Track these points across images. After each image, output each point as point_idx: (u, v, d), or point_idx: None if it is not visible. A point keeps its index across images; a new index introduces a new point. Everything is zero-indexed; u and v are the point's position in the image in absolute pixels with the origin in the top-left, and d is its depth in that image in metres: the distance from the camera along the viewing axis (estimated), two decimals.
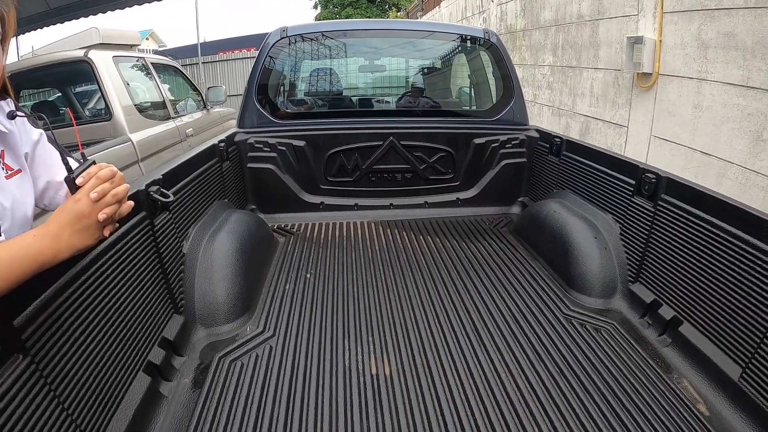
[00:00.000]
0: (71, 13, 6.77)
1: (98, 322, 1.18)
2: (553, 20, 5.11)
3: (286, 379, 1.47)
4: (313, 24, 3.45)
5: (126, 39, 4.65)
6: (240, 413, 1.33)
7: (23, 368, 0.91)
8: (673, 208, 1.65)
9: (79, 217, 0.86)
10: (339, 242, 2.53)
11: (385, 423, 1.29)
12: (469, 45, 3.15)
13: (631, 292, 1.81)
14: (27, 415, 0.89)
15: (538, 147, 2.80)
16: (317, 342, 1.66)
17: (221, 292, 1.79)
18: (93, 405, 1.11)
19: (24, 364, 0.91)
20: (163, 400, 1.38)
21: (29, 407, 0.90)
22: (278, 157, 2.78)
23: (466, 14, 9.04)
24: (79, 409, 1.05)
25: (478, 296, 1.94)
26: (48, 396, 0.96)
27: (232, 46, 18.03)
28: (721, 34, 2.75)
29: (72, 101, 4.51)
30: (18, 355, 0.91)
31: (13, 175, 1.03)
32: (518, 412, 1.30)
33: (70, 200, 0.88)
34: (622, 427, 1.24)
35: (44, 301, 1.00)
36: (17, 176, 1.04)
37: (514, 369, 1.48)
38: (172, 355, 1.52)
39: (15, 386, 0.87)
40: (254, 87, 2.82)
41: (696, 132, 2.98)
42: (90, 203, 0.86)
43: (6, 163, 1.02)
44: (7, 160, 1.03)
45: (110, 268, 1.27)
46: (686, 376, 1.45)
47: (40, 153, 1.12)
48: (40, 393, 0.94)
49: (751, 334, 1.28)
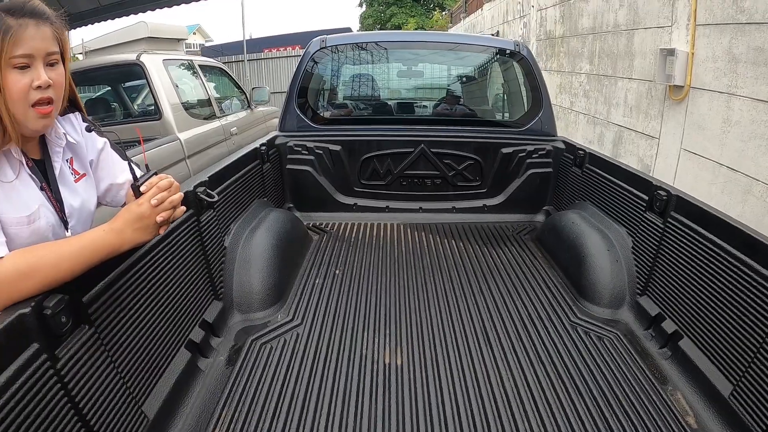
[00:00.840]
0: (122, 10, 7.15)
1: (150, 302, 1.38)
2: (590, 28, 5.13)
3: (308, 362, 1.65)
4: (349, 35, 3.62)
5: (173, 33, 4.88)
6: (266, 389, 1.51)
7: (88, 336, 1.10)
8: (680, 225, 1.72)
9: (141, 217, 1.05)
10: (369, 242, 2.69)
11: (391, 406, 1.44)
12: (500, 57, 3.25)
13: (638, 305, 1.90)
14: (89, 374, 1.07)
15: (563, 158, 2.88)
16: (339, 332, 1.83)
17: (257, 282, 1.99)
18: (141, 372, 1.30)
19: (89, 333, 1.10)
20: (200, 374, 1.57)
21: (90, 368, 1.08)
22: (315, 159, 2.97)
23: (507, 18, 9.05)
24: (130, 374, 1.24)
25: (491, 299, 2.07)
26: (106, 361, 1.14)
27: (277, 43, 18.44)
28: (752, 48, 2.76)
29: (122, 98, 4.78)
30: (84, 326, 1.10)
31: (80, 178, 1.24)
32: (512, 407, 1.43)
33: (134, 203, 1.06)
34: (608, 431, 1.34)
35: (107, 283, 1.20)
36: (83, 180, 1.25)
37: (515, 368, 1.61)
38: (210, 335, 1.72)
39: (81, 350, 1.06)
40: (295, 93, 3.01)
41: (724, 147, 3.00)
42: (150, 207, 1.05)
43: (74, 168, 1.23)
44: (75, 165, 1.24)
45: (162, 258, 1.48)
46: (680, 389, 1.51)
47: (104, 159, 1.33)
48: (99, 358, 1.12)
49: (744, 353, 1.34)
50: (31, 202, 1.08)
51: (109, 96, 4.94)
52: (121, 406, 1.17)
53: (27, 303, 0.94)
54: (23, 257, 0.96)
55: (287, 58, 13.58)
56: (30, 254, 0.97)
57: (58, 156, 1.18)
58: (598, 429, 1.35)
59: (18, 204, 1.05)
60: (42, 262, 0.96)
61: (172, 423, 1.36)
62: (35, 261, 0.96)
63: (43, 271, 0.96)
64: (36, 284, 0.96)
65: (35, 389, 0.92)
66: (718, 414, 1.39)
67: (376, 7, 30.66)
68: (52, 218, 1.12)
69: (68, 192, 1.19)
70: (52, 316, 0.98)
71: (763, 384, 1.25)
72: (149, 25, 4.52)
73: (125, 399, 1.19)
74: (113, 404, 1.14)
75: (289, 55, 13.77)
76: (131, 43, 4.42)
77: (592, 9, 5.04)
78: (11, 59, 0.98)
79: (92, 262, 1.03)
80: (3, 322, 0.88)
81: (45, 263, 0.96)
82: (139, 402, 1.26)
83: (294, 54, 13.74)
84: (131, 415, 1.20)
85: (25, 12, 1.01)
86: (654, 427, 1.36)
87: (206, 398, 1.48)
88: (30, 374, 0.91)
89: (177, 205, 1.11)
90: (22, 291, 0.95)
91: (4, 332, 0.87)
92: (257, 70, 13.56)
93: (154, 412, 1.30)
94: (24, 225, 1.05)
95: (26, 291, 0.95)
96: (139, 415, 1.24)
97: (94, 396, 1.08)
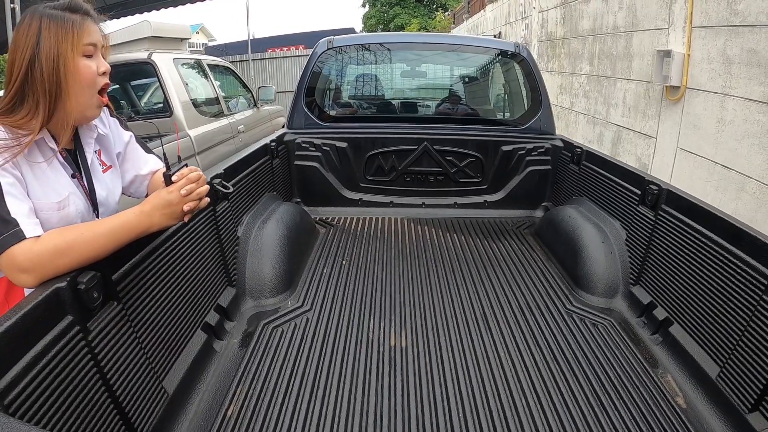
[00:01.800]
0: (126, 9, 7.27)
1: (170, 285, 1.47)
2: (590, 30, 5.22)
3: (318, 344, 1.75)
4: (355, 36, 3.71)
5: (176, 33, 4.94)
6: (278, 369, 1.61)
7: (116, 312, 1.17)
8: (670, 217, 1.81)
9: (169, 204, 1.13)
10: (374, 235, 2.79)
11: (396, 384, 1.54)
12: (501, 58, 3.34)
13: (631, 294, 1.99)
14: (116, 347, 1.14)
15: (561, 156, 2.97)
16: (347, 317, 1.93)
17: (268, 270, 2.09)
18: (162, 350, 1.38)
19: (117, 309, 1.18)
20: (215, 355, 1.66)
21: (118, 342, 1.15)
22: (322, 156, 3.07)
23: (509, 19, 9.14)
24: (152, 351, 1.32)
25: (491, 288, 2.16)
26: (131, 336, 1.22)
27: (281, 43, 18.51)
28: (745, 50, 2.85)
29: (131, 96, 4.87)
30: (113, 302, 1.17)
31: (107, 170, 1.34)
32: (510, 387, 1.52)
33: (164, 190, 1.14)
34: (602, 410, 1.42)
35: (134, 264, 1.28)
36: (110, 171, 1.35)
37: (513, 351, 1.70)
38: (224, 319, 1.82)
39: (110, 325, 1.14)
40: (302, 91, 3.11)
41: (718, 146, 3.09)
42: (180, 196, 1.13)
43: (102, 159, 1.33)
44: (102, 157, 1.33)
45: (181, 244, 1.58)
46: (670, 372, 1.60)
47: (130, 151, 1.43)
48: (126, 333, 1.19)
49: (729, 337, 1.42)
50: (62, 189, 1.15)
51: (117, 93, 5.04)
52: (144, 380, 1.24)
53: (63, 278, 1.01)
54: (61, 235, 1.03)
55: (291, 58, 13.65)
56: (67, 232, 1.04)
57: (90, 147, 1.27)
58: (592, 409, 1.42)
59: (48, 190, 1.12)
60: (78, 240, 1.03)
61: (189, 399, 1.44)
62: (72, 239, 1.03)
63: (79, 249, 1.04)
64: (71, 261, 1.03)
65: (68, 358, 0.99)
66: (707, 394, 1.47)
67: (379, 7, 30.71)
68: (82, 206, 1.20)
69: (97, 182, 1.27)
70: (85, 291, 1.05)
71: (747, 365, 1.33)
72: (152, 25, 4.61)
73: (148, 373, 1.27)
74: (137, 377, 1.21)
75: (293, 55, 13.83)
76: (134, 42, 4.49)
77: (592, 11, 5.13)
78: (84, 47, 1.11)
79: (123, 242, 1.11)
80: (41, 294, 0.95)
81: (81, 241, 1.04)
82: (160, 377, 1.33)
83: (298, 54, 13.79)
84: (153, 389, 1.28)
85: (82, 9, 1.14)
86: (646, 408, 1.43)
87: (221, 377, 1.57)
88: (64, 344, 0.98)
89: (202, 196, 1.19)
90: (58, 267, 1.02)
91: (43, 304, 0.94)
92: (261, 70, 13.64)
93: (173, 388, 1.38)
94: (54, 210, 1.12)
95: (62, 267, 1.03)
96: (160, 389, 1.31)
97: (120, 368, 1.15)
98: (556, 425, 1.37)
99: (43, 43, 1.07)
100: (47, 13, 1.09)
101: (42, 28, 1.08)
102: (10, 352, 0.86)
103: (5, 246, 0.98)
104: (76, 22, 1.11)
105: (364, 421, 1.40)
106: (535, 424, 1.38)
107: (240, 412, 1.42)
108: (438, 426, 1.38)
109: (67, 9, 1.11)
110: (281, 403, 1.46)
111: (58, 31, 1.09)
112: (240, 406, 1.44)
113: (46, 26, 1.08)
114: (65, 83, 1.09)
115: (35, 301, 0.93)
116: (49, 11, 1.10)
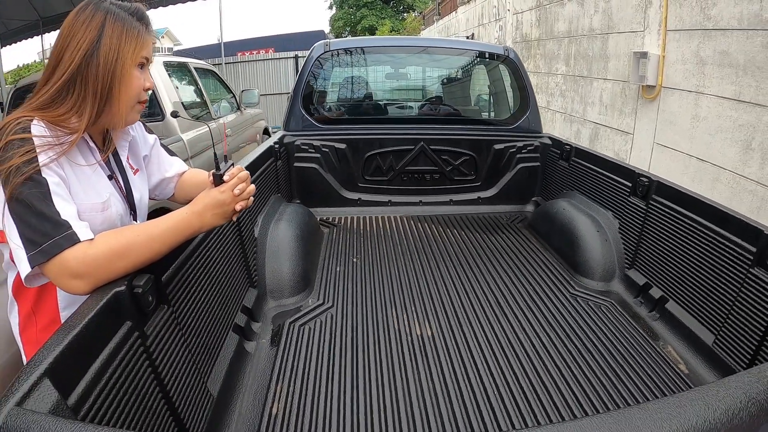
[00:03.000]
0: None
1: (206, 286, 1.48)
2: (566, 32, 5.45)
3: (347, 338, 1.83)
4: (352, 39, 3.82)
5: None
6: (313, 364, 1.66)
7: (168, 315, 1.16)
8: (661, 206, 1.99)
9: (222, 204, 1.10)
10: (376, 233, 2.90)
11: (431, 368, 1.65)
12: (491, 61, 3.50)
13: (627, 277, 2.16)
14: (168, 351, 1.14)
15: (550, 153, 3.14)
16: (369, 311, 2.02)
17: (287, 270, 2.15)
18: (204, 352, 1.38)
19: (168, 312, 1.17)
20: (248, 356, 1.68)
21: (170, 346, 1.15)
22: (322, 157, 3.15)
23: (482, 21, 9.37)
24: (197, 354, 1.32)
25: (498, 277, 2.30)
26: (180, 339, 1.21)
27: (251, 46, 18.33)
28: (717, 52, 3.08)
29: None
30: (164, 305, 1.16)
31: (136, 172, 1.31)
32: (533, 362, 1.66)
33: (216, 190, 1.11)
34: (618, 379, 1.57)
35: (177, 266, 1.27)
36: (138, 174, 1.32)
37: (528, 331, 1.85)
38: (250, 320, 1.85)
39: (162, 328, 1.13)
40: (300, 94, 3.18)
41: (693, 140, 3.32)
42: (232, 196, 1.11)
43: (130, 163, 1.29)
44: (131, 160, 1.30)
45: (213, 245, 1.61)
46: (671, 343, 1.77)
47: (155, 154, 1.41)
48: (175, 335, 1.19)
49: (721, 308, 1.60)
50: (103, 190, 1.12)
51: None
52: (192, 383, 1.24)
53: (120, 282, 0.98)
54: (115, 237, 0.99)
55: (264, 62, 13.57)
56: (122, 235, 1.00)
57: (124, 150, 1.25)
58: (609, 378, 1.58)
59: (90, 191, 1.09)
60: (134, 242, 0.99)
61: (232, 400, 1.47)
62: (127, 241, 0.99)
63: (136, 251, 1.00)
64: (127, 264, 0.99)
65: (130, 365, 0.97)
66: (705, 360, 1.64)
67: (347, 9, 30.80)
68: (121, 208, 1.18)
69: (132, 184, 1.26)
70: (142, 295, 1.02)
71: (738, 331, 1.51)
72: None
73: (195, 377, 1.27)
74: (187, 381, 1.21)
75: (265, 59, 13.74)
76: None
77: (568, 14, 5.36)
78: (141, 58, 1.10)
79: (176, 243, 1.08)
80: (102, 299, 0.92)
81: (137, 243, 1.00)
82: (205, 380, 1.34)
83: (270, 57, 13.72)
84: (201, 392, 1.29)
85: (145, 20, 1.12)
86: (655, 375, 1.60)
87: (258, 377, 1.60)
88: (126, 350, 0.96)
89: (251, 195, 1.18)
90: (114, 271, 0.98)
91: (104, 310, 0.91)
92: (234, 74, 13.54)
93: (216, 390, 1.39)
94: (97, 212, 1.09)
95: (119, 271, 0.98)
96: (206, 392, 1.32)
97: (173, 372, 1.15)
98: (580, 392, 1.52)
99: (105, 40, 1.03)
100: (114, 12, 1.06)
101: (106, 25, 1.04)
102: (77, 363, 0.83)
103: (58, 250, 0.91)
104: (140, 31, 1.09)
105: (413, 404, 1.48)
106: (561, 392, 1.52)
107: (285, 409, 1.46)
108: (477, 402, 1.49)
109: (133, 15, 1.09)
110: (324, 396, 1.51)
111: (123, 33, 1.05)
112: (284, 404, 1.48)
113: (110, 24, 1.04)
114: (117, 88, 1.06)
115: (97, 308, 0.90)
116: (116, 9, 1.06)
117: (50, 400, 0.72)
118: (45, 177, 0.96)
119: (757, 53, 2.76)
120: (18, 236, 0.92)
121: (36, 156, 0.95)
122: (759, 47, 2.75)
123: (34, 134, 0.98)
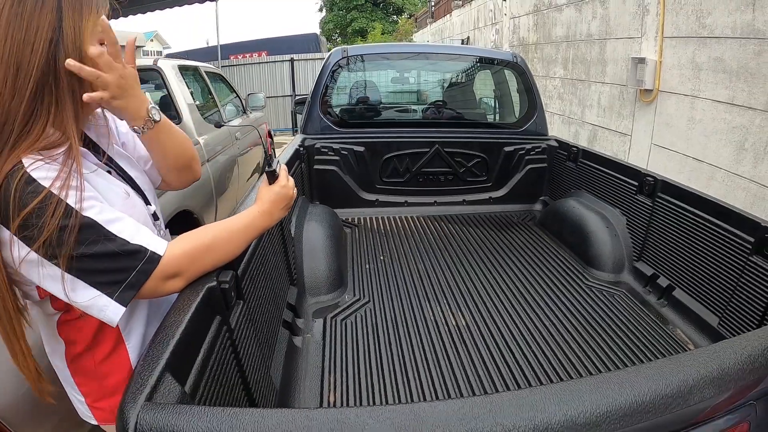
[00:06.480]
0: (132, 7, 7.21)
1: (264, 282, 1.55)
2: (564, 36, 5.65)
3: (389, 330, 1.97)
4: (369, 46, 3.95)
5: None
6: (360, 355, 1.79)
7: (243, 310, 1.23)
8: (666, 203, 2.17)
9: (285, 197, 1.15)
10: (396, 232, 3.06)
11: (471, 354, 1.81)
12: (500, 67, 3.68)
13: (636, 268, 2.34)
14: (245, 344, 1.21)
15: (557, 154, 3.32)
16: (405, 304, 2.17)
17: (323, 268, 2.28)
18: (266, 344, 1.45)
19: (243, 307, 1.23)
20: (297, 350, 1.78)
21: (246, 340, 1.22)
22: (341, 160, 3.30)
23: (478, 24, 9.56)
24: (263, 345, 1.40)
25: (518, 270, 2.48)
26: (252, 332, 1.29)
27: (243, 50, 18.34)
28: (712, 58, 3.28)
29: None
30: (240, 300, 1.22)
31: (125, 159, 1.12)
32: (561, 346, 1.84)
33: (277, 185, 1.13)
34: (635, 358, 1.76)
35: (246, 263, 1.33)
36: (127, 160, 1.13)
37: (552, 317, 2.03)
38: (294, 316, 1.94)
39: (240, 323, 1.19)
40: (318, 98, 3.31)
41: (690, 141, 3.52)
42: (291, 188, 1.17)
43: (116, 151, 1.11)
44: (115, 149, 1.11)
45: (266, 244, 1.71)
46: (679, 326, 1.96)
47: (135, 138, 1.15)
48: (248, 329, 1.26)
49: (723, 293, 1.79)
50: (117, 188, 0.99)
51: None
52: (263, 374, 1.32)
53: (210, 278, 1.01)
54: (201, 232, 0.99)
55: (260, 65, 13.66)
56: (205, 231, 1.00)
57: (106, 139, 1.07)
58: (626, 355, 1.77)
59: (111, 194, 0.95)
60: (219, 237, 1.01)
61: (291, 391, 1.56)
62: (214, 235, 0.99)
63: (222, 246, 1.01)
64: (215, 258, 1.00)
65: (222, 358, 1.02)
66: (712, 340, 1.82)
67: (336, 12, 30.88)
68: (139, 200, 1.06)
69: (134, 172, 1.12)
70: (228, 290, 1.07)
71: (740, 313, 1.70)
72: None
73: (263, 368, 1.34)
74: (259, 372, 1.29)
75: (260, 62, 13.82)
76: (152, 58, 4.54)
77: (566, 19, 5.56)
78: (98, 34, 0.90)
79: (251, 240, 1.10)
80: (198, 295, 0.95)
81: (222, 238, 1.01)
82: (270, 371, 1.43)
83: (264, 60, 13.79)
84: (268, 381, 1.37)
85: None
86: (666, 353, 1.79)
87: (310, 370, 1.70)
88: (220, 344, 1.01)
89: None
90: (206, 265, 0.99)
91: (200, 305, 0.94)
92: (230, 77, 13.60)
93: (278, 381, 1.48)
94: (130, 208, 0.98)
95: (207, 265, 0.99)
96: (270, 382, 1.40)
97: (250, 365, 1.21)
98: (603, 368, 1.71)
99: (66, 21, 0.83)
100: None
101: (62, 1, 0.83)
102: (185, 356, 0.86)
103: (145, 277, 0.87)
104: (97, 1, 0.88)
105: (460, 386, 1.64)
106: (585, 367, 1.72)
107: (342, 399, 1.55)
108: (518, 383, 1.67)
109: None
110: (376, 386, 1.62)
111: (82, 6, 0.85)
112: (340, 394, 1.57)
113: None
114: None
115: (195, 303, 0.93)
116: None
117: (175, 392, 0.75)
118: (89, 215, 0.82)
119: (750, 60, 2.97)
120: (90, 289, 0.83)
121: (65, 202, 0.80)
122: (751, 55, 2.95)
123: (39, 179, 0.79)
